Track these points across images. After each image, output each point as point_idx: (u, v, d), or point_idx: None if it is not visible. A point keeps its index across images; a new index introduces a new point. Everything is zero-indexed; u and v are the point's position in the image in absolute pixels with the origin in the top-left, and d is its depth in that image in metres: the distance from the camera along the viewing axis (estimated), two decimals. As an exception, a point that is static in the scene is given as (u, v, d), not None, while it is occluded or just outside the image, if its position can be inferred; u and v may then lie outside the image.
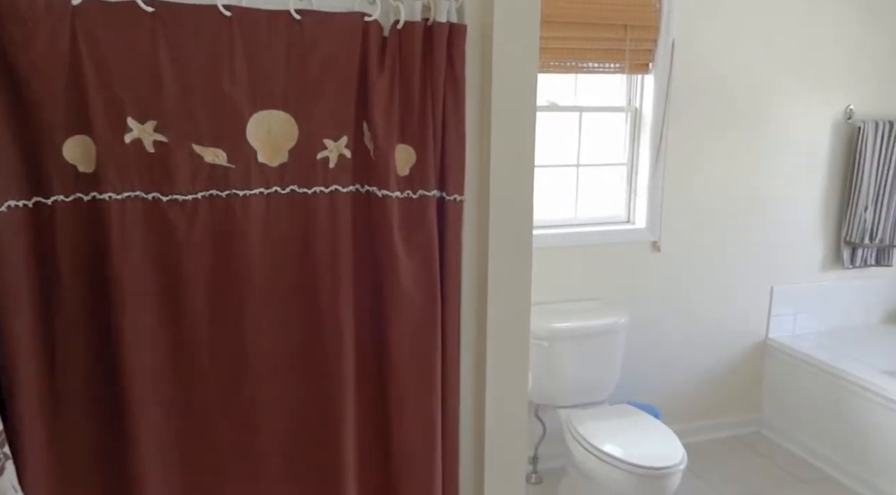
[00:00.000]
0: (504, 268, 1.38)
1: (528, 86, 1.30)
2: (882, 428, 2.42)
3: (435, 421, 1.34)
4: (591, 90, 2.60)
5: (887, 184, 2.85)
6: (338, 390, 1.29)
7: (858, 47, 2.76)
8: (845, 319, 3.06)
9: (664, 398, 2.86)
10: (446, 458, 1.39)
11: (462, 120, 1.28)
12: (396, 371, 1.33)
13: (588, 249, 2.59)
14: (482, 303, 1.40)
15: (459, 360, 1.40)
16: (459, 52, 1.23)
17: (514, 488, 1.46)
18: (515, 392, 1.44)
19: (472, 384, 1.43)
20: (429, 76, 1.24)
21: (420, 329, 1.32)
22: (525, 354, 1.44)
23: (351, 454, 1.34)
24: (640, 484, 1.98)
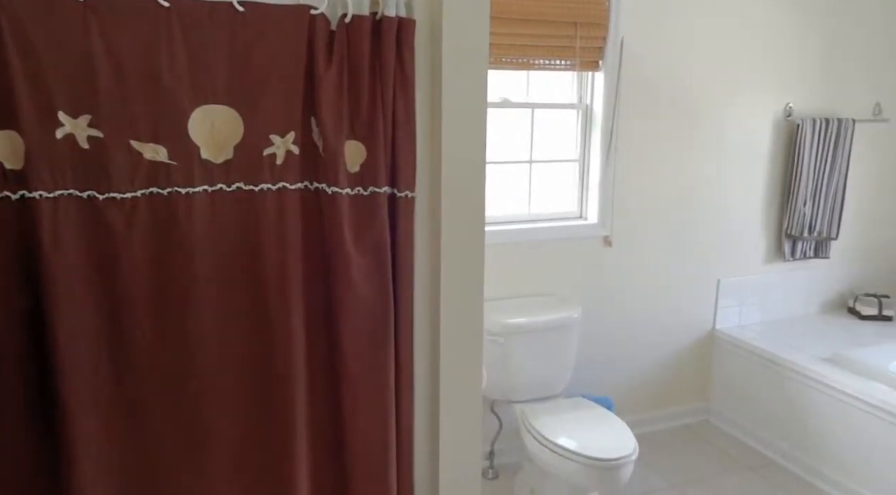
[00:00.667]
0: (457, 264, 1.38)
1: (478, 81, 1.30)
2: (822, 414, 2.53)
3: (389, 419, 1.33)
4: (543, 87, 2.62)
5: (824, 179, 2.98)
6: (289, 391, 1.27)
7: (796, 49, 2.87)
8: (787, 309, 3.18)
9: (617, 390, 2.91)
10: (401, 456, 1.38)
11: (412, 115, 1.27)
12: (349, 369, 1.31)
13: (541, 245, 2.61)
14: (435, 299, 1.39)
15: (413, 357, 1.39)
16: (409, 46, 1.22)
17: (469, 484, 1.46)
18: (469, 388, 1.44)
19: (426, 381, 1.43)
20: (378, 71, 1.22)
21: (373, 326, 1.31)
22: (478, 350, 1.44)
23: (303, 454, 1.31)
24: (594, 476, 2.02)
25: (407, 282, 1.34)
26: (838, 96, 3.01)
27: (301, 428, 1.29)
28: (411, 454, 1.41)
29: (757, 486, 2.56)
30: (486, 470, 2.61)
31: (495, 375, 2.40)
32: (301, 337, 1.28)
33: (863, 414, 2.36)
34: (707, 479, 2.61)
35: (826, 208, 3.02)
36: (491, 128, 2.57)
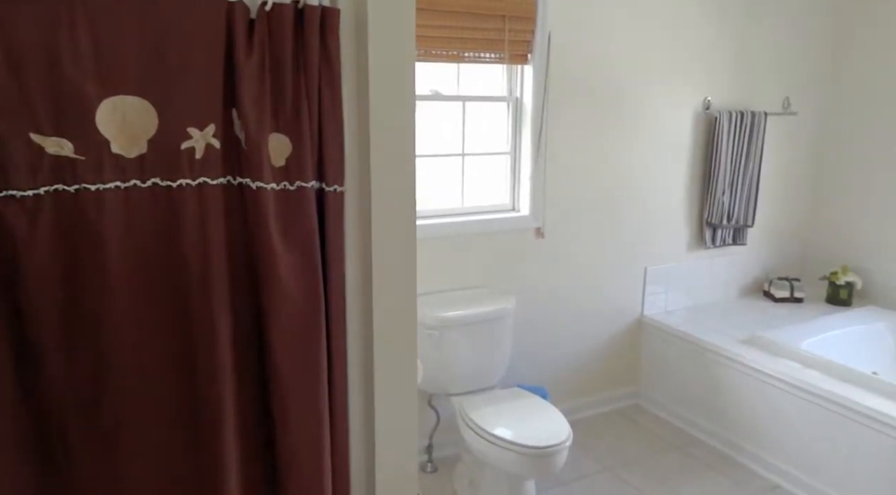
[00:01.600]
0: (388, 259, 1.36)
1: (406, 73, 1.28)
2: (741, 392, 2.67)
3: (322, 419, 1.30)
4: (474, 80, 2.63)
5: (740, 169, 3.13)
6: (216, 395, 1.22)
7: (714, 45, 3.00)
8: (709, 294, 3.33)
9: (551, 378, 2.98)
10: (336, 455, 1.36)
11: (339, 107, 1.24)
12: (280, 370, 1.27)
13: (474, 237, 2.63)
14: (367, 295, 1.37)
15: (346, 355, 1.37)
16: (333, 37, 1.19)
17: (406, 479, 1.45)
18: (405, 383, 1.43)
19: (360, 377, 1.40)
20: (302, 62, 1.18)
21: (303, 326, 1.27)
22: (413, 345, 1.42)
23: (233, 459, 1.27)
24: (531, 464, 2.05)
25: (338, 279, 1.31)
26: (751, 91, 3.17)
27: (230, 433, 1.25)
28: (347, 452, 1.38)
29: (684, 464, 2.67)
30: (425, 464, 2.61)
31: (432, 369, 2.40)
32: (228, 339, 1.23)
33: (778, 391, 2.50)
34: (638, 460, 2.70)
35: (742, 197, 3.18)
36: (422, 121, 2.55)
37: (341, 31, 1.22)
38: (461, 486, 2.43)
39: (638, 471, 2.62)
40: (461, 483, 2.44)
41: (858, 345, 2.89)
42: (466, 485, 2.40)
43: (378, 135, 1.29)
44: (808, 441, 2.41)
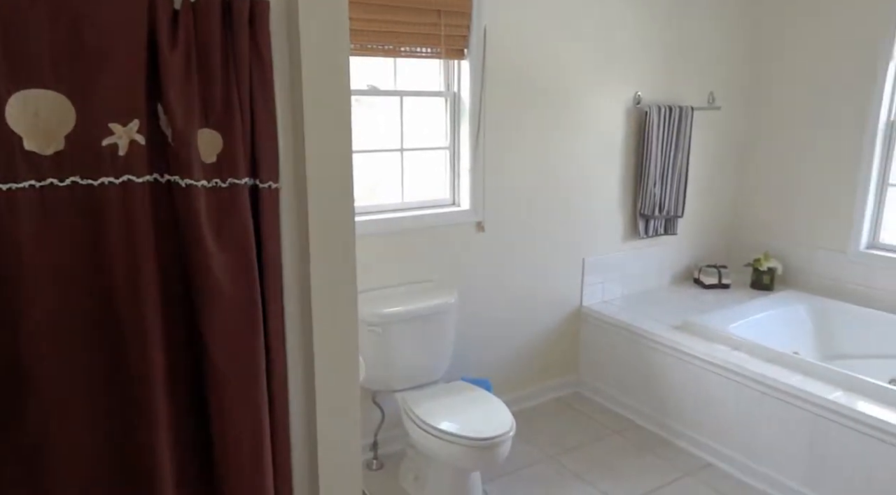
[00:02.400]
0: (327, 256, 1.34)
1: (340, 67, 1.26)
2: (674, 376, 2.78)
3: (262, 422, 1.27)
4: (412, 75, 2.62)
5: (670, 161, 3.25)
6: (149, 403, 1.17)
7: (643, 41, 3.09)
8: (644, 283, 3.45)
9: (495, 370, 3.01)
10: (277, 457, 1.33)
11: (271, 102, 1.21)
12: (217, 373, 1.23)
13: (415, 233, 2.62)
14: (306, 293, 1.34)
15: (286, 355, 1.34)
16: (263, 29, 1.15)
17: (350, 479, 1.43)
18: (347, 381, 1.41)
19: (300, 377, 1.38)
20: (231, 55, 1.14)
21: (240, 327, 1.23)
22: (354, 342, 1.41)
23: (170, 468, 1.22)
24: (475, 455, 2.07)
25: (275, 278, 1.28)
26: (679, 86, 3.29)
27: (165, 442, 1.20)
28: (288, 453, 1.36)
29: (622, 448, 2.76)
30: (371, 462, 2.60)
31: (375, 365, 2.38)
32: (159, 345, 1.18)
33: (708, 373, 2.62)
34: (579, 447, 2.77)
35: (673, 189, 3.30)
36: (361, 117, 2.52)
37: (272, 24, 1.18)
38: (407, 482, 2.43)
39: (579, 457, 2.69)
40: (407, 478, 2.44)
41: (780, 327, 3.06)
42: (412, 481, 2.40)
43: (313, 131, 1.27)
44: (736, 419, 2.53)
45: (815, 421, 2.26)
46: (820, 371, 2.37)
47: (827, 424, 2.22)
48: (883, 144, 3.03)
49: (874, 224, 3.12)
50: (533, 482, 2.51)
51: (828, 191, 3.23)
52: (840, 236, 3.20)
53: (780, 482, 2.40)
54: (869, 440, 2.11)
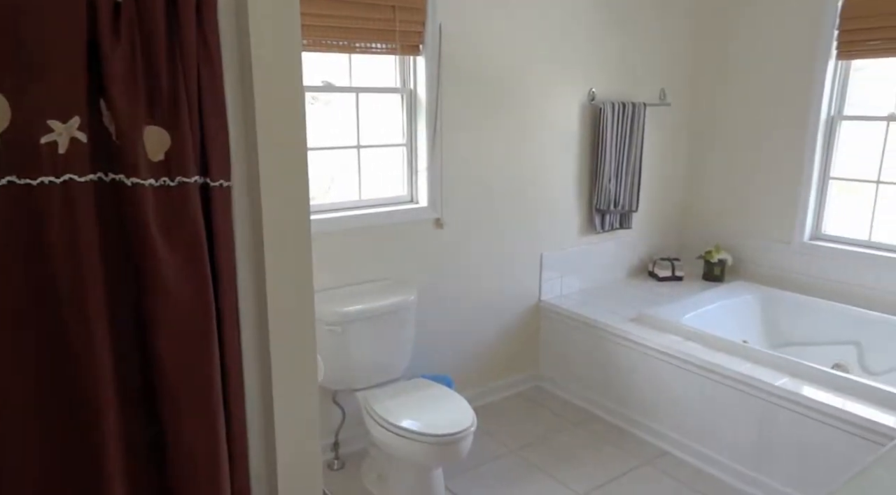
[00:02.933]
0: (283, 255, 1.31)
1: (292, 61, 1.23)
2: (631, 367, 2.84)
3: (218, 429, 1.24)
4: (368, 71, 2.59)
5: (624, 157, 3.31)
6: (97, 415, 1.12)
7: (596, 38, 3.14)
8: (600, 277, 3.51)
9: (455, 367, 3.02)
10: (235, 465, 1.30)
11: (221, 98, 1.17)
12: (170, 380, 1.20)
13: (374, 230, 2.60)
14: (261, 294, 1.32)
15: (241, 359, 1.31)
16: (211, 23, 1.12)
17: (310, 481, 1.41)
18: (305, 383, 1.39)
19: (257, 381, 1.35)
20: (178, 49, 1.11)
21: (192, 329, 1.20)
22: (312, 343, 1.39)
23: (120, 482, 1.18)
24: (437, 452, 2.07)
25: (229, 279, 1.25)
26: (631, 83, 3.35)
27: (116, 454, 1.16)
28: (246, 459, 1.33)
29: (582, 440, 2.81)
30: (332, 462, 2.57)
31: (335, 365, 2.36)
32: (107, 352, 1.14)
33: (663, 364, 2.68)
34: (540, 440, 2.81)
35: (627, 184, 3.37)
36: (318, 114, 2.49)
37: (220, 16, 1.15)
38: (369, 481, 2.42)
39: (540, 450, 2.72)
40: (369, 477, 2.42)
41: (731, 317, 3.16)
42: (375, 479, 2.39)
43: (266, 127, 1.24)
44: (690, 407, 2.60)
45: (763, 406, 2.34)
46: (767, 358, 2.46)
47: (775, 410, 2.31)
48: (823, 139, 3.16)
49: (817, 216, 3.25)
50: (495, 476, 2.53)
51: (774, 185, 3.35)
52: (786, 228, 3.32)
53: (732, 467, 2.48)
54: (814, 423, 2.20)
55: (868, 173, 3.05)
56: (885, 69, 2.95)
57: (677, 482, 2.50)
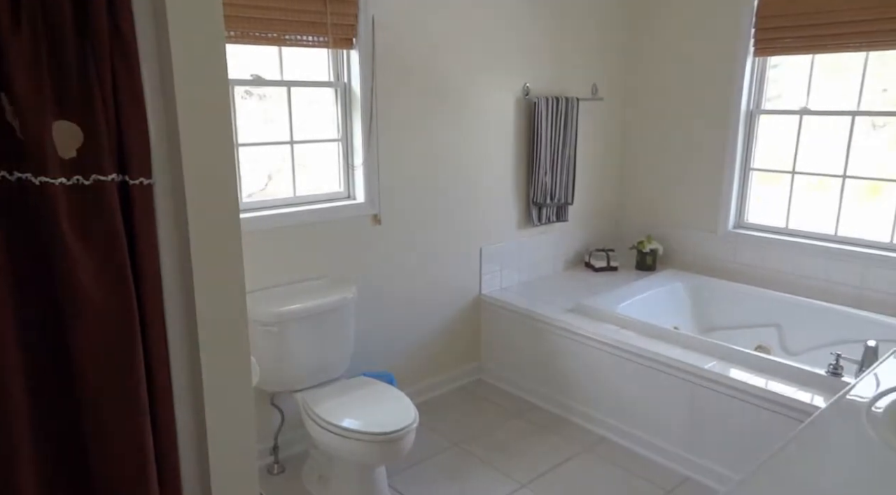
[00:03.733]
0: (211, 256, 1.26)
1: (215, 52, 1.18)
2: (569, 357, 2.90)
3: (145, 439, 1.18)
4: (302, 64, 2.53)
5: (559, 152, 3.37)
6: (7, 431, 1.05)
7: (530, 33, 3.17)
8: (539, 269, 3.56)
9: (398, 363, 3.00)
10: (165, 478, 1.24)
11: (139, 91, 1.11)
12: (90, 391, 1.13)
13: (310, 227, 2.55)
14: (189, 297, 1.26)
15: (169, 365, 1.25)
16: (125, 10, 1.06)
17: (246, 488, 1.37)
18: (239, 388, 1.34)
19: (186, 388, 1.29)
20: (88, 38, 1.04)
21: (115, 338, 1.14)
22: (245, 345, 1.34)
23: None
24: (379, 450, 2.05)
25: (152, 281, 1.19)
26: (564, 78, 3.41)
27: (29, 473, 1.08)
28: (177, 470, 1.27)
29: (523, 430, 2.85)
30: (272, 466, 2.51)
31: (272, 366, 2.30)
32: (17, 363, 1.06)
33: (600, 352, 2.75)
34: (483, 432, 2.83)
35: (562, 177, 3.43)
36: (251, 109, 2.41)
37: (134, 3, 1.09)
38: (311, 483, 2.37)
39: (482, 442, 2.74)
40: (311, 480, 2.38)
41: (663, 304, 3.28)
42: (316, 481, 2.34)
43: (188, 122, 1.18)
44: (626, 394, 2.68)
45: (693, 389, 2.44)
46: (696, 343, 2.56)
47: (704, 392, 2.41)
48: (744, 132, 3.31)
49: (740, 206, 3.41)
50: (438, 471, 2.54)
51: (700, 177, 3.49)
52: (711, 218, 3.46)
53: (666, 449, 2.57)
54: (740, 403, 2.31)
55: (784, 164, 3.21)
56: (797, 65, 3.12)
57: (615, 466, 2.57)
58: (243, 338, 1.33)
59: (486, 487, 2.43)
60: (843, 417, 1.25)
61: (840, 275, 3.00)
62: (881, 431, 1.19)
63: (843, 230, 3.04)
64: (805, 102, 3.10)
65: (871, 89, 2.89)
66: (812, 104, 3.08)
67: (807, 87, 3.09)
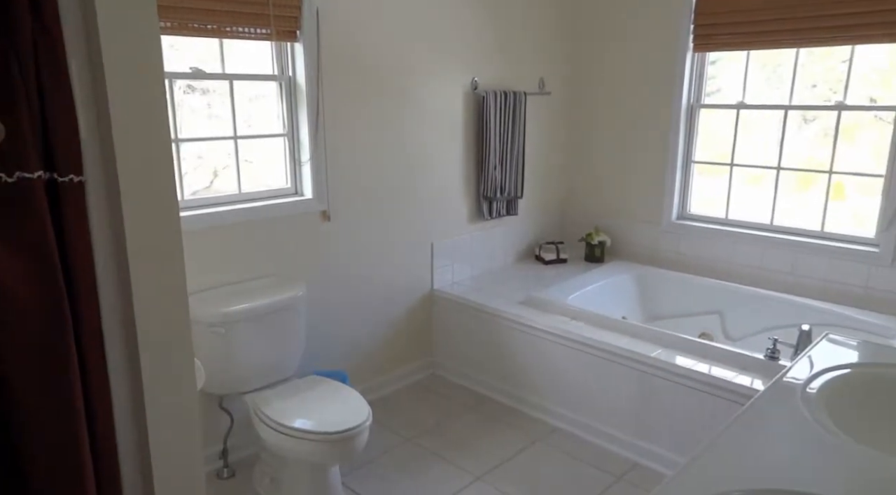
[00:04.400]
0: (149, 255, 1.21)
1: (148, 43, 1.13)
2: (522, 349, 2.93)
3: (81, 452, 1.12)
4: (245, 58, 2.46)
5: (508, 146, 3.39)
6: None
7: (477, 26, 3.18)
8: (490, 263, 3.59)
9: (350, 361, 2.97)
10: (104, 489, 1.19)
11: (66, 83, 1.06)
12: (20, 403, 1.07)
13: (257, 225, 2.49)
14: (126, 299, 1.21)
15: (107, 372, 1.20)
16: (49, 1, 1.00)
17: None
18: (182, 392, 1.30)
19: (126, 397, 1.24)
20: (9, 28, 0.98)
21: (45, 346, 1.08)
22: (188, 348, 1.30)
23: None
24: (332, 450, 2.02)
25: (86, 284, 1.14)
26: (512, 72, 3.44)
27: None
28: (117, 480, 1.22)
29: (477, 423, 2.87)
30: (221, 470, 2.45)
31: (219, 368, 2.23)
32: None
33: (551, 343, 2.79)
34: (437, 427, 2.83)
35: (511, 171, 3.46)
36: (195, 103, 2.33)
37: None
38: (262, 486, 2.32)
39: (437, 437, 2.75)
40: (262, 483, 2.33)
41: (611, 295, 3.35)
42: (268, 484, 2.29)
43: (122, 116, 1.13)
44: (576, 383, 2.73)
45: (641, 377, 2.50)
46: (643, 332, 2.63)
47: (651, 379, 2.47)
48: (685, 126, 3.41)
49: (682, 197, 3.51)
50: (393, 467, 2.52)
51: (644, 169, 3.58)
52: (656, 209, 3.56)
53: (616, 436, 2.63)
54: (686, 389, 2.38)
55: (724, 157, 3.33)
56: (734, 61, 3.23)
57: (567, 455, 2.62)
58: (186, 340, 1.29)
59: (441, 481, 2.44)
60: (779, 399, 1.30)
61: (776, 263, 3.14)
62: (814, 411, 1.24)
63: (778, 220, 3.17)
64: (742, 97, 3.21)
65: (802, 85, 3.02)
66: (748, 99, 3.20)
67: (743, 83, 3.20)
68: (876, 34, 2.69)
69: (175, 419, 1.28)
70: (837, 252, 2.93)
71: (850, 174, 2.94)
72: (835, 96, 2.93)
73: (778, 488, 1.00)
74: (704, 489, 0.99)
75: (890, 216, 2.77)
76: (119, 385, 1.23)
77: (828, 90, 2.96)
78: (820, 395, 1.32)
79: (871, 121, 2.88)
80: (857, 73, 2.85)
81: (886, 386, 1.42)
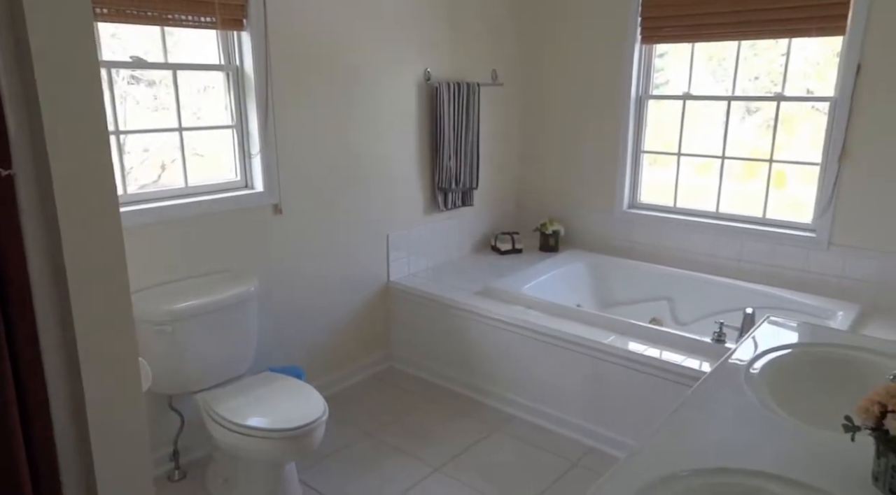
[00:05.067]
0: (86, 252, 1.16)
1: (81, 31, 1.08)
2: (478, 339, 2.95)
3: (18, 459, 1.07)
4: (190, 47, 2.38)
5: (462, 137, 3.39)
6: None
7: (429, 18, 3.16)
8: (446, 254, 3.59)
9: (306, 356, 2.93)
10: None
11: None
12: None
13: (205, 219, 2.42)
14: (63, 298, 1.16)
15: (44, 376, 1.14)
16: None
17: (141, 498, 1.29)
18: (125, 394, 1.25)
19: (65, 401, 1.19)
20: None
21: (-26, 346, 1.02)
22: (132, 348, 1.25)
23: None
24: (287, 447, 2.00)
25: (17, 282, 1.08)
26: (465, 63, 3.43)
27: None
28: (58, 490, 1.17)
29: (435, 414, 2.87)
30: (172, 473, 2.38)
31: (167, 367, 2.17)
32: None
33: (507, 333, 2.82)
34: (395, 420, 2.83)
35: (466, 162, 3.46)
36: (140, 94, 2.24)
37: (-21, -26, 0.97)
38: (215, 487, 2.27)
39: (395, 430, 2.74)
40: (215, 483, 2.28)
41: (565, 283, 3.40)
42: (221, 484, 2.25)
43: (53, 107, 1.08)
44: (532, 371, 2.77)
45: (595, 363, 2.55)
46: (597, 319, 2.68)
47: (605, 365, 2.52)
48: (634, 116, 3.47)
49: (633, 186, 3.58)
50: (351, 462, 2.51)
51: (596, 159, 3.63)
52: (607, 198, 3.62)
53: (571, 422, 2.68)
54: (638, 374, 2.44)
55: (671, 147, 3.41)
56: (681, 53, 3.30)
57: (525, 443, 2.65)
58: (129, 340, 1.24)
59: (399, 474, 2.43)
60: (725, 380, 1.35)
61: (722, 250, 3.24)
62: (757, 390, 1.29)
63: (724, 207, 3.27)
64: (687, 88, 3.29)
65: (745, 77, 3.12)
66: (694, 90, 3.28)
67: (688, 75, 3.28)
68: (810, 28, 2.80)
69: (119, 421, 1.24)
70: (778, 237, 3.04)
71: (790, 162, 3.05)
72: (775, 88, 3.03)
73: (721, 466, 1.03)
74: (654, 471, 1.02)
75: (825, 203, 2.90)
76: (57, 387, 1.17)
77: (769, 82, 3.06)
78: (762, 375, 1.37)
79: (808, 112, 2.99)
80: (794, 66, 2.96)
81: (823, 365, 1.48)
